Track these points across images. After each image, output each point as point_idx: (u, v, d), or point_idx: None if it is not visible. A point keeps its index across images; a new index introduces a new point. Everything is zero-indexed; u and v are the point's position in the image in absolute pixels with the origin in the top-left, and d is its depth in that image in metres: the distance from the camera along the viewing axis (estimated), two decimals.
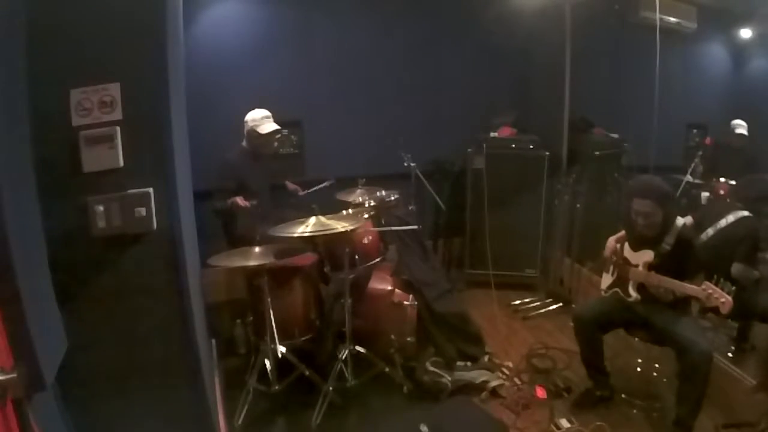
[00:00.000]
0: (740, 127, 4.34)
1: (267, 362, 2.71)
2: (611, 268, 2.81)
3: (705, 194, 3.96)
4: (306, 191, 3.64)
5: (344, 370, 2.77)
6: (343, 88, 4.20)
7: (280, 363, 2.72)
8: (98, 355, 1.40)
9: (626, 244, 2.73)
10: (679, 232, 2.53)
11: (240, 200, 3.12)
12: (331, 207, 3.00)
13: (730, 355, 2.87)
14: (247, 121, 3.31)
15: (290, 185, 3.70)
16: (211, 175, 3.17)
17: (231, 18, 3.88)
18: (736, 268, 2.76)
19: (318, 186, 3.61)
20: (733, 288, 2.23)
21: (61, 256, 1.30)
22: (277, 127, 3.35)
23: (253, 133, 3.30)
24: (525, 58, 4.71)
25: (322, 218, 2.68)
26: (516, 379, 2.99)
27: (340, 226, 2.56)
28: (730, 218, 2.89)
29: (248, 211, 3.10)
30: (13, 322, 0.97)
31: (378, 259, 2.94)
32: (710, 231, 2.95)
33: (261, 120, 3.30)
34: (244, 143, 3.37)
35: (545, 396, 2.82)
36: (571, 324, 2.82)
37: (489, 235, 3.98)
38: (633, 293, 2.62)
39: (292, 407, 2.73)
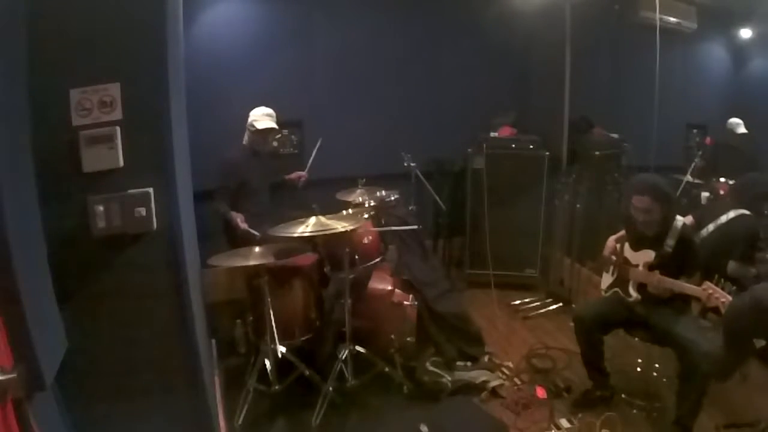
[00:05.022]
0: (738, 126, 4.34)
1: (267, 362, 2.71)
2: (611, 267, 2.81)
3: (705, 194, 3.96)
4: (305, 172, 3.65)
5: (344, 370, 2.77)
6: (343, 88, 4.20)
7: (280, 363, 2.72)
8: (98, 354, 1.40)
9: (626, 244, 2.73)
10: (680, 233, 2.52)
11: (240, 221, 3.18)
12: (331, 207, 3.00)
13: None
14: (249, 117, 3.35)
15: (291, 177, 3.70)
16: (211, 175, 3.17)
17: (231, 18, 3.87)
18: (732, 266, 2.76)
19: (312, 155, 3.63)
20: (734, 288, 2.23)
21: (61, 256, 1.30)
22: (273, 125, 3.36)
23: (251, 128, 3.34)
24: (525, 58, 4.72)
25: (322, 218, 2.67)
26: (516, 379, 2.99)
27: (340, 226, 2.55)
28: (731, 214, 2.90)
29: (244, 233, 3.13)
30: (13, 322, 0.97)
31: (378, 259, 2.94)
32: (710, 227, 2.95)
33: (260, 116, 3.33)
34: (244, 141, 3.39)
35: (545, 396, 2.82)
36: (571, 324, 2.82)
37: (489, 235, 3.98)
38: (633, 293, 2.62)
39: (292, 407, 2.73)
